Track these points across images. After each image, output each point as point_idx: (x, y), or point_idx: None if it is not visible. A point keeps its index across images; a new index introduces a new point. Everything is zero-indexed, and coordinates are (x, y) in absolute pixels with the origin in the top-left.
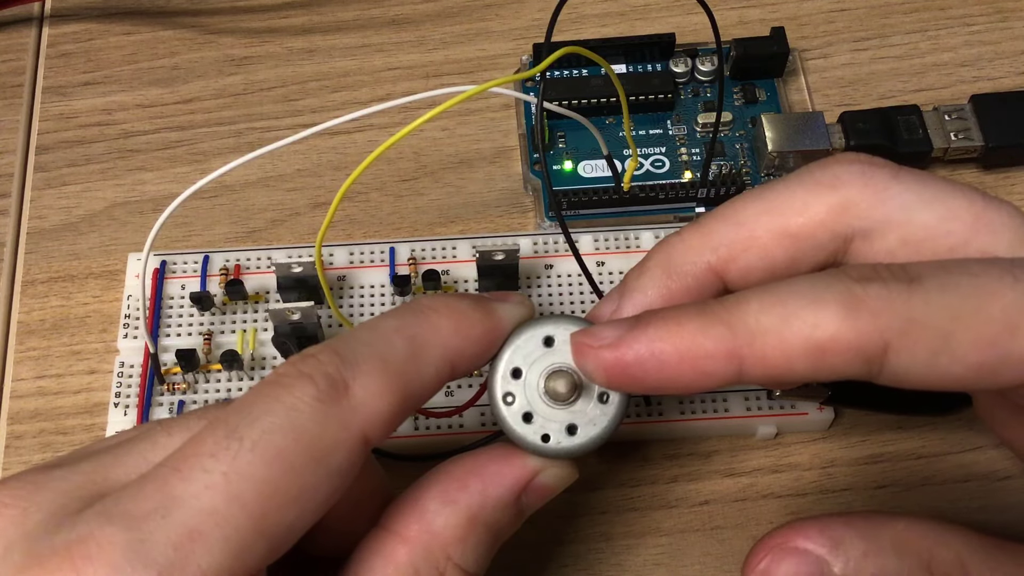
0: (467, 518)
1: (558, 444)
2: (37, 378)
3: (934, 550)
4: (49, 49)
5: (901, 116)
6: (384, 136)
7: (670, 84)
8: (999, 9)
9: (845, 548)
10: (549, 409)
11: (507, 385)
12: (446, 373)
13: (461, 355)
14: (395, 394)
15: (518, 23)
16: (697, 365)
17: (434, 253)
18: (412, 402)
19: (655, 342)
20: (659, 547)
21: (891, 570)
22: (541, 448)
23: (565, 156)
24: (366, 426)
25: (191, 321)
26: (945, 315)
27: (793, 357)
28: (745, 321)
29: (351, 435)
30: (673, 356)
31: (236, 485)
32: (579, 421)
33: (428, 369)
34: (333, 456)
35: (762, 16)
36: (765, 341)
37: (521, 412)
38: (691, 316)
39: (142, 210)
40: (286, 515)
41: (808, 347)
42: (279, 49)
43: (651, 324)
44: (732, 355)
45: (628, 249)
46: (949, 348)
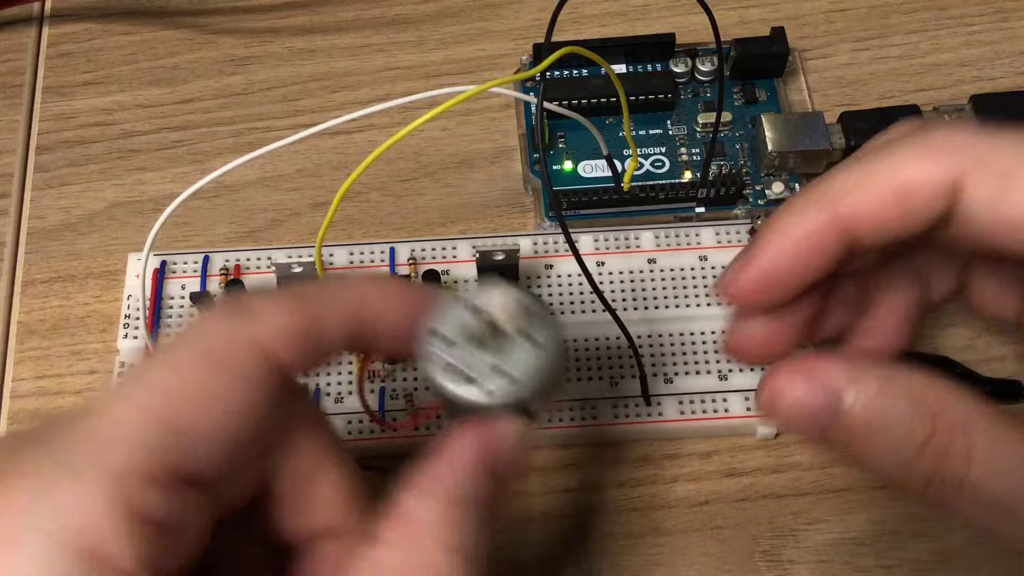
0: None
1: (493, 390)
2: (37, 378)
3: (944, 407)
4: (49, 49)
5: (901, 116)
6: (384, 136)
7: (670, 84)
8: (999, 9)
9: (860, 384)
10: (478, 361)
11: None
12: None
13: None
14: (296, 312)
15: (518, 23)
16: (812, 244)
17: (434, 253)
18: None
19: (768, 245)
20: (659, 547)
21: (898, 414)
22: (477, 399)
23: (565, 156)
24: (267, 336)
25: (191, 321)
26: (1010, 155)
27: (883, 205)
28: (834, 187)
29: (251, 344)
30: (788, 247)
31: (143, 396)
32: (508, 365)
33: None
34: (236, 361)
35: (762, 16)
36: (856, 197)
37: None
38: (788, 210)
39: (142, 210)
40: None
41: (893, 192)
42: (279, 49)
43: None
44: (834, 221)
45: (628, 249)
46: (1014, 186)
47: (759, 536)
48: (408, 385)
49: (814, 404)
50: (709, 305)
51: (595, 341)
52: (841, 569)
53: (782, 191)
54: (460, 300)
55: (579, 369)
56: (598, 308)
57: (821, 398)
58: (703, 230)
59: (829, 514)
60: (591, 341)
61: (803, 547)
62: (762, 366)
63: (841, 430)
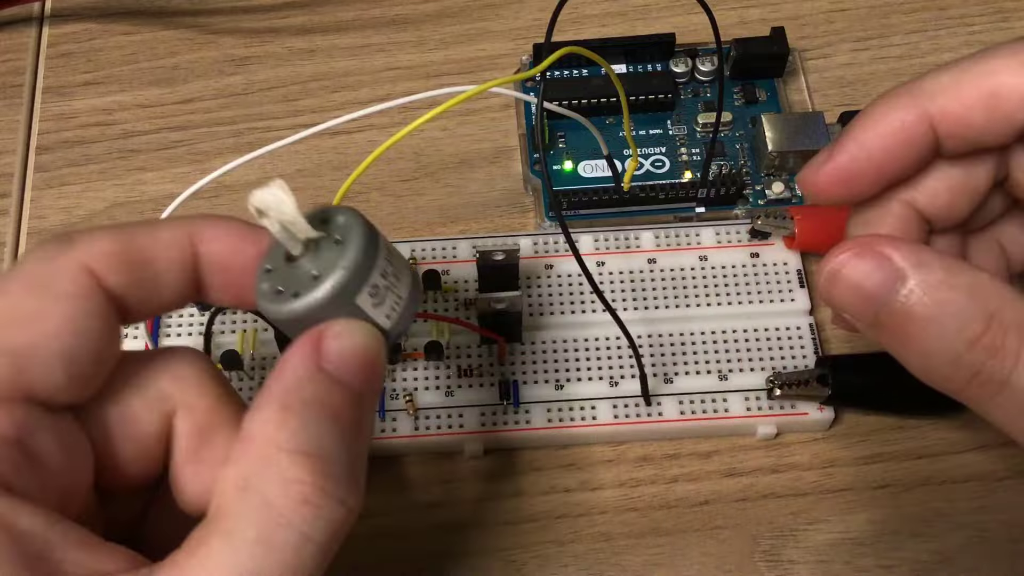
0: (278, 407)
1: (311, 294)
2: None
3: (1002, 304)
4: (49, 49)
5: None
6: (384, 136)
7: (670, 84)
8: (999, 9)
9: (925, 270)
10: (294, 274)
11: (264, 282)
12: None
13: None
14: (117, 234)
15: (518, 23)
16: (897, 138)
17: (434, 253)
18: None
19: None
20: (659, 547)
21: (957, 305)
22: (298, 306)
23: (565, 156)
24: (85, 256)
25: (191, 321)
26: None
27: (972, 107)
28: (924, 85)
29: (70, 263)
30: (875, 139)
31: None
32: (321, 269)
33: (159, 230)
34: (55, 278)
35: (762, 16)
36: (947, 96)
37: (273, 291)
38: (879, 102)
39: (142, 210)
40: (18, 335)
41: (982, 95)
42: (279, 49)
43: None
44: (921, 117)
45: (628, 249)
46: None
47: (759, 536)
48: (408, 385)
49: (876, 283)
50: (709, 305)
51: (595, 341)
52: (841, 569)
53: (782, 191)
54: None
55: (579, 369)
56: (598, 308)
57: (884, 278)
58: (703, 230)
59: (829, 514)
60: (591, 341)
61: (803, 547)
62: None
63: (896, 315)
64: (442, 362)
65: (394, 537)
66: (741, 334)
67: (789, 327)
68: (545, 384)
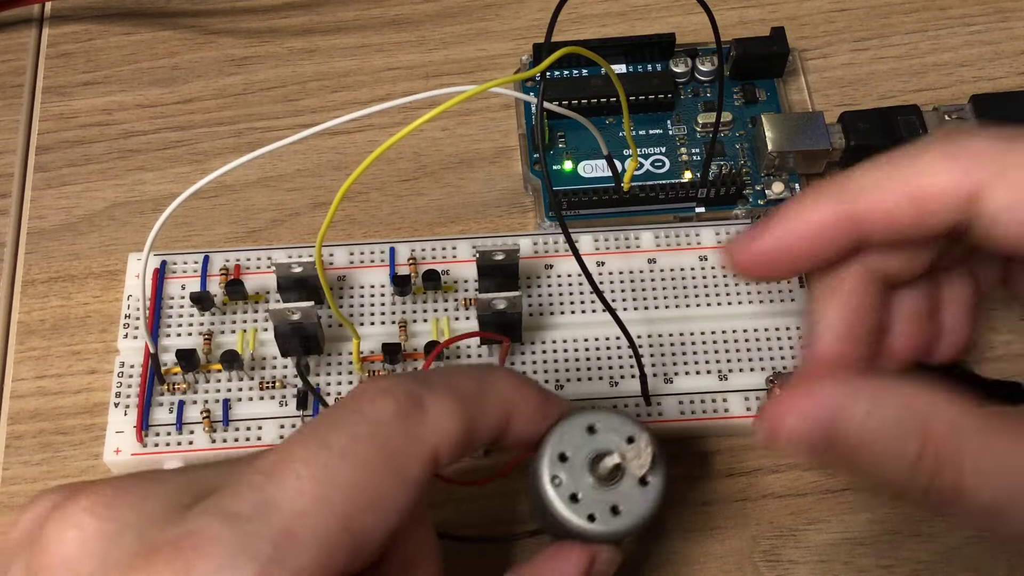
0: None
1: (604, 524)
2: (37, 378)
3: (933, 418)
4: (49, 49)
5: (901, 116)
6: (384, 136)
7: (670, 84)
8: (999, 9)
9: (852, 405)
10: (594, 491)
11: (554, 468)
12: (503, 421)
13: (518, 411)
14: (462, 421)
15: (518, 23)
16: (823, 232)
17: (434, 253)
18: (474, 436)
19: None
20: (660, 547)
21: (891, 430)
22: (587, 528)
23: (565, 156)
24: (437, 444)
25: (191, 321)
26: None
27: (898, 207)
28: (850, 183)
29: (425, 450)
30: (799, 231)
31: (325, 489)
32: (622, 503)
33: (490, 410)
34: (409, 467)
35: (762, 16)
36: (871, 196)
37: (568, 493)
38: (806, 195)
39: (142, 210)
40: (369, 519)
41: (909, 196)
42: (279, 49)
43: (776, 215)
44: (846, 216)
45: (628, 249)
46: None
47: (759, 536)
48: None
49: (811, 429)
50: (709, 305)
51: (595, 341)
52: (841, 569)
53: (782, 191)
54: (587, 426)
55: (579, 369)
56: (598, 308)
57: (817, 422)
58: (703, 230)
59: (829, 514)
60: (591, 341)
61: (803, 547)
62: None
63: (840, 451)
64: (442, 362)
65: None
66: (741, 334)
67: (789, 327)
68: (545, 384)
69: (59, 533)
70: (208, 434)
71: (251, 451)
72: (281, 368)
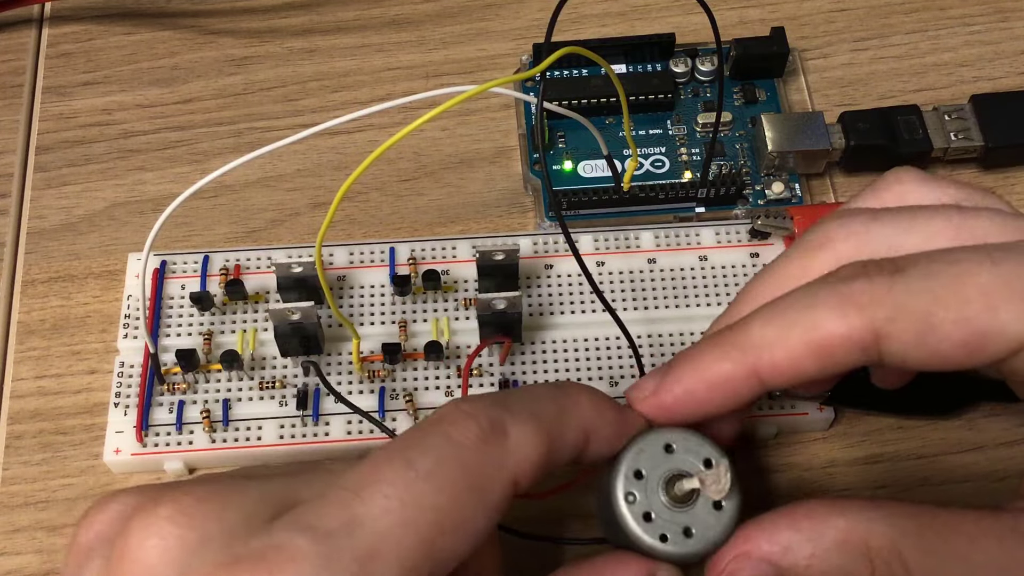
0: None
1: (675, 546)
2: (37, 378)
3: (870, 540)
4: (49, 49)
5: (901, 116)
6: (384, 136)
7: (670, 84)
8: (999, 9)
9: (793, 553)
10: (668, 511)
11: (629, 485)
12: (582, 443)
13: (596, 432)
14: (543, 446)
15: (518, 23)
16: (725, 389)
17: (434, 253)
18: (554, 459)
19: (684, 380)
20: None
21: (836, 568)
22: (658, 548)
23: (565, 156)
24: (517, 469)
25: (191, 321)
26: (927, 299)
27: (800, 359)
28: (751, 339)
29: (506, 475)
30: (702, 388)
31: (411, 511)
32: (696, 526)
33: (569, 433)
34: (491, 492)
35: (762, 16)
36: (773, 352)
37: (642, 512)
38: (708, 350)
39: (142, 210)
40: (449, 542)
41: (810, 347)
42: (279, 49)
43: (677, 367)
44: (750, 372)
45: (628, 249)
46: (933, 329)
47: None
48: (408, 385)
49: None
50: (709, 305)
51: (595, 341)
52: None
53: (782, 191)
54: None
55: (579, 369)
56: (598, 308)
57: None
58: (703, 230)
59: None
60: (591, 341)
61: None
62: None
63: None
64: (442, 362)
65: None
66: None
67: None
68: None
69: (141, 541)
70: (208, 434)
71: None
72: (281, 368)
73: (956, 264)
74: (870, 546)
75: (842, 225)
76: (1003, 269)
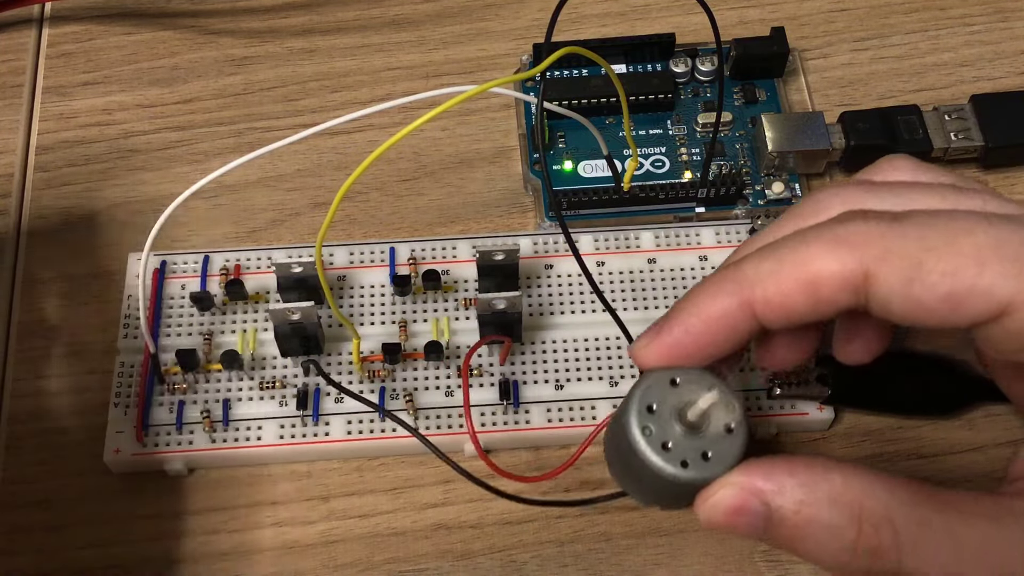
0: None
1: (697, 470)
2: (37, 378)
3: (864, 502)
4: (49, 49)
5: (901, 116)
6: (384, 136)
7: (670, 84)
8: (999, 9)
9: (784, 495)
10: (684, 439)
11: (643, 420)
12: None
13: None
14: None
15: (518, 23)
16: (721, 324)
17: (434, 253)
18: None
19: (682, 319)
20: (659, 547)
21: (823, 520)
22: (681, 474)
23: (565, 156)
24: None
25: (191, 321)
26: (919, 246)
27: (791, 294)
28: (746, 273)
29: None
30: (700, 325)
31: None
32: (711, 449)
33: None
34: None
35: (762, 16)
36: (766, 286)
37: (659, 442)
38: (703, 289)
39: (142, 210)
40: None
41: (801, 283)
42: (279, 49)
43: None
44: (744, 305)
45: (628, 249)
46: (920, 276)
47: None
48: (408, 385)
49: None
50: None
51: (595, 341)
52: None
53: (782, 191)
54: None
55: (579, 369)
56: (598, 308)
57: (754, 509)
58: (703, 230)
59: None
60: (591, 341)
61: None
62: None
63: (778, 536)
64: (442, 362)
65: (394, 537)
66: None
67: None
68: (545, 384)
69: None
70: (208, 434)
71: None
72: (281, 368)
73: (953, 220)
74: (863, 507)
75: (837, 194)
76: (998, 231)
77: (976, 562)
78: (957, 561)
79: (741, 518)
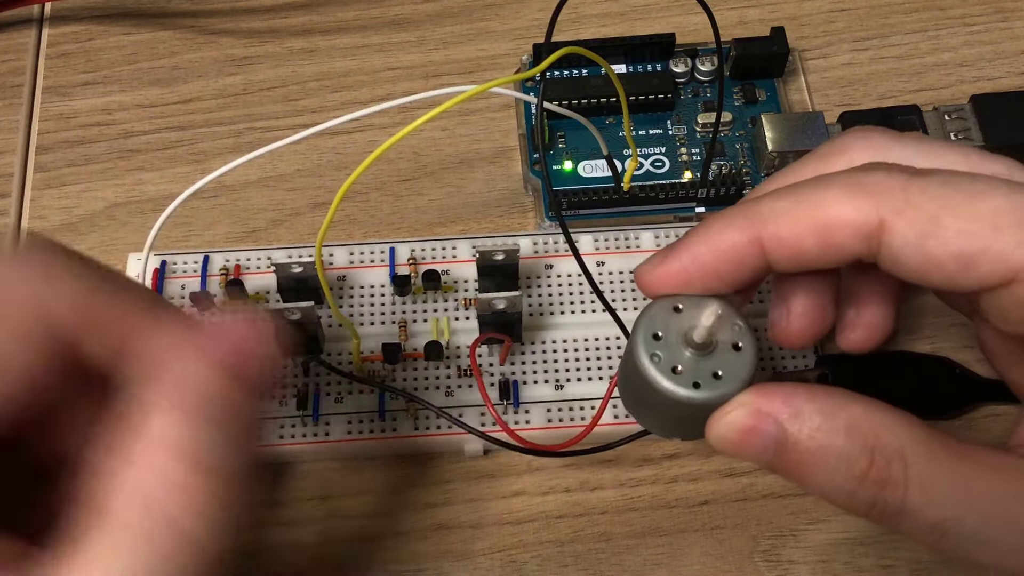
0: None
1: (709, 390)
2: None
3: (880, 435)
4: (49, 49)
5: (901, 116)
6: (384, 136)
7: (670, 84)
8: (999, 9)
9: (802, 419)
10: (693, 361)
11: (651, 347)
12: None
13: None
14: None
15: (518, 23)
16: (729, 256)
17: (434, 253)
18: None
19: (691, 247)
20: (659, 547)
21: (837, 447)
22: (695, 396)
23: (565, 156)
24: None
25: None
26: (938, 203)
27: (804, 236)
28: (760, 209)
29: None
30: (708, 254)
31: None
32: (722, 368)
33: None
34: None
35: (762, 16)
36: (779, 223)
37: (669, 367)
38: (716, 220)
39: (142, 210)
40: None
41: (815, 225)
42: (279, 49)
43: (684, 238)
44: (754, 240)
45: (628, 249)
46: (936, 232)
47: (759, 536)
48: (408, 385)
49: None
50: None
51: (595, 341)
52: (841, 569)
53: None
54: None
55: (579, 369)
56: (598, 308)
57: (767, 431)
58: None
59: (829, 514)
60: (591, 341)
61: (803, 547)
62: (761, 367)
63: (786, 464)
64: (442, 362)
65: (394, 537)
66: None
67: None
68: (545, 384)
69: None
70: None
71: None
72: (281, 368)
73: (975, 182)
74: (879, 439)
75: (862, 137)
76: (1020, 197)
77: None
78: (960, 505)
79: (753, 438)
